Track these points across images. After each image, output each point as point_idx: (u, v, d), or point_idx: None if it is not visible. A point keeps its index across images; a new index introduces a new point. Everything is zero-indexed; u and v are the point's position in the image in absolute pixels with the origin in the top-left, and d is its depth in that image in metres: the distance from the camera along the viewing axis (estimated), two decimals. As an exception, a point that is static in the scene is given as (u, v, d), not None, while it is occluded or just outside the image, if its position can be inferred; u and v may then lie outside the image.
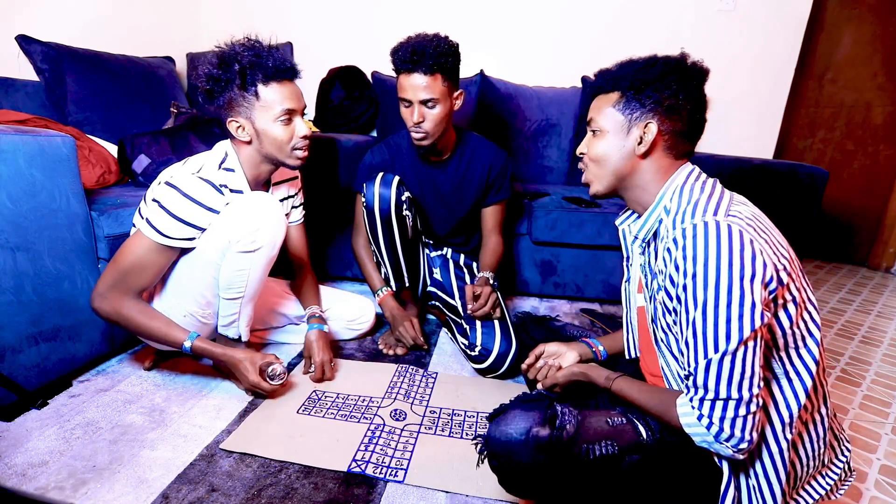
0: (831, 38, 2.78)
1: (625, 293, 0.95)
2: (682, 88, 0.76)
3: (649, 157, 0.79)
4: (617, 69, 0.81)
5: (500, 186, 1.48)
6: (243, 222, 1.05)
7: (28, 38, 1.63)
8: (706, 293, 0.64)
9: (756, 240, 0.66)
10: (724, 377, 0.64)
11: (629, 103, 0.79)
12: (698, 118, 0.79)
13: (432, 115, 1.27)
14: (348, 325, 1.45)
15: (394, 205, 1.30)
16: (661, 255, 0.73)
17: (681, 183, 0.78)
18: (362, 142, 1.80)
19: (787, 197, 1.74)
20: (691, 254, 0.66)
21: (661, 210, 0.79)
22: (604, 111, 0.81)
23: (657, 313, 0.79)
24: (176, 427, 1.03)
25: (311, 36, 2.48)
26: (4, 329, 0.99)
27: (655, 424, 0.75)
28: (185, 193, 1.01)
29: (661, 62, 0.77)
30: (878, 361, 1.60)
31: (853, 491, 0.99)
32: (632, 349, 0.97)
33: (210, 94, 1.06)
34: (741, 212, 0.71)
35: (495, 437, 0.73)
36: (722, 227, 0.65)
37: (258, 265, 1.10)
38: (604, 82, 0.82)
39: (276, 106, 1.06)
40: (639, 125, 0.78)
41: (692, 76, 0.77)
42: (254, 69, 1.03)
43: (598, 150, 0.82)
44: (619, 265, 1.86)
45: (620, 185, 0.83)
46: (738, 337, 0.63)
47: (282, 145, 1.09)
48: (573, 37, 2.40)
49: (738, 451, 0.65)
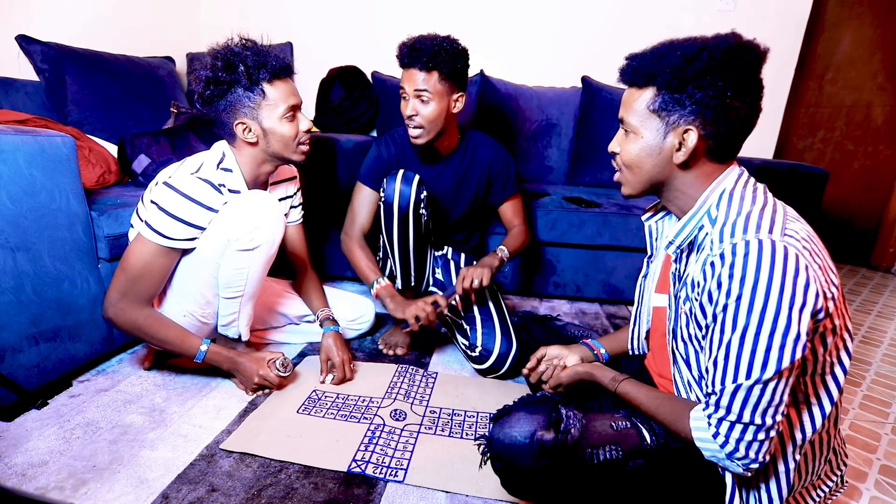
0: (831, 38, 2.78)
1: (640, 288, 0.93)
2: (732, 85, 0.64)
3: (690, 165, 0.70)
4: (653, 60, 0.68)
5: (505, 183, 1.48)
6: (242, 221, 1.05)
7: (28, 38, 1.63)
8: (749, 318, 0.59)
9: (811, 265, 0.60)
10: (751, 404, 0.61)
11: (666, 104, 0.67)
12: (750, 115, 0.67)
13: (425, 111, 1.27)
14: (349, 325, 1.45)
15: (412, 202, 1.30)
16: (702, 268, 0.66)
17: (729, 188, 0.69)
18: (362, 142, 1.80)
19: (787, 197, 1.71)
20: (739, 274, 0.60)
21: (703, 216, 0.70)
22: (636, 110, 0.71)
23: (679, 322, 0.75)
24: (176, 427, 1.03)
25: (311, 36, 2.48)
26: (4, 329, 0.99)
27: (660, 429, 0.74)
28: (184, 193, 1.01)
29: (707, 53, 0.64)
30: (878, 361, 1.59)
31: (853, 490, 0.99)
32: (636, 346, 0.96)
33: (210, 98, 1.05)
34: (797, 231, 0.63)
35: (499, 440, 0.73)
36: (778, 248, 0.59)
37: (257, 264, 1.11)
38: (636, 77, 0.71)
39: (281, 103, 1.07)
40: (676, 131, 0.68)
41: (745, 67, 0.65)
42: (258, 69, 1.03)
43: (631, 155, 0.73)
44: (619, 265, 1.86)
45: (656, 188, 0.75)
46: (776, 368, 0.59)
47: (288, 142, 1.10)
48: (573, 37, 2.40)
49: (748, 470, 0.64)
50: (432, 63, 1.23)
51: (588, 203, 1.82)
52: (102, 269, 1.20)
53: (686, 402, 0.73)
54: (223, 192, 1.06)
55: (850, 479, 1.01)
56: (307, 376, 1.26)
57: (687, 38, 0.68)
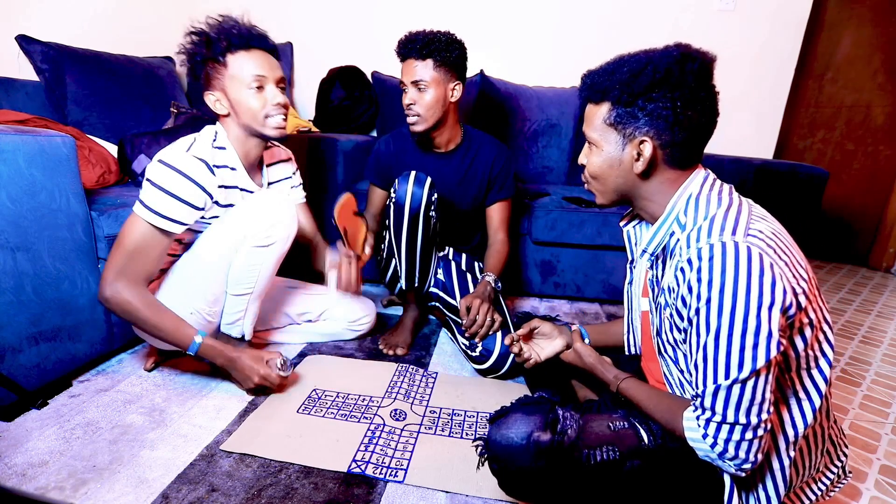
0: (831, 38, 2.78)
1: (627, 295, 0.94)
2: (680, 96, 0.66)
3: (651, 173, 0.72)
4: (605, 76, 0.72)
5: (503, 184, 1.48)
6: (259, 217, 1.07)
7: (28, 38, 1.63)
8: (720, 320, 0.60)
9: (776, 263, 0.61)
10: (733, 403, 0.62)
11: (620, 118, 0.70)
12: (705, 122, 0.69)
13: (423, 99, 1.32)
14: (350, 325, 1.45)
15: (424, 205, 1.30)
16: (674, 274, 0.68)
17: (695, 192, 0.71)
18: (362, 142, 1.80)
19: (788, 197, 1.74)
20: (706, 277, 0.61)
21: (673, 223, 0.72)
22: (595, 125, 0.74)
23: (663, 327, 0.76)
24: (176, 427, 1.03)
25: (311, 36, 2.47)
26: (4, 329, 0.99)
27: (658, 429, 0.74)
28: (178, 170, 1.00)
29: (651, 67, 0.67)
30: (878, 361, 1.59)
31: (853, 490, 0.99)
32: (633, 348, 0.97)
33: (191, 71, 1.09)
34: (762, 230, 0.64)
35: (496, 441, 0.73)
36: (741, 248, 0.60)
37: (270, 261, 1.12)
38: (591, 93, 0.74)
39: (246, 73, 1.05)
40: (633, 142, 0.70)
41: (691, 78, 0.66)
42: (219, 38, 1.04)
43: (594, 167, 0.76)
44: (619, 265, 1.86)
45: (625, 198, 0.77)
46: (751, 367, 0.60)
47: (255, 114, 1.07)
48: (573, 37, 2.40)
49: (741, 471, 0.64)
50: (426, 51, 1.29)
51: (588, 203, 1.82)
52: (102, 269, 1.20)
53: (681, 401, 0.73)
54: (217, 173, 1.06)
55: (851, 479, 1.01)
56: (307, 376, 1.26)
57: (636, 53, 0.70)
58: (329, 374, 1.28)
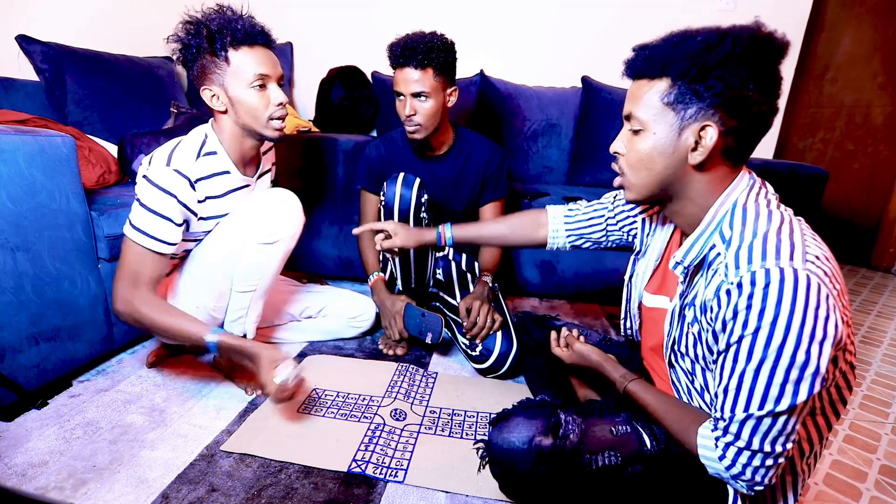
0: (831, 38, 2.78)
1: (626, 289, 0.93)
2: (757, 76, 0.58)
3: (705, 166, 0.64)
4: (668, 47, 0.63)
5: (496, 184, 1.48)
6: (266, 214, 1.07)
7: (28, 38, 1.63)
8: (765, 352, 0.56)
9: (831, 294, 0.55)
10: (761, 433, 0.58)
11: (683, 96, 0.61)
12: (770, 112, 0.62)
13: (424, 109, 1.29)
14: (349, 322, 1.45)
15: (413, 206, 1.30)
16: (715, 293, 0.61)
17: (741, 200, 0.64)
18: (362, 142, 1.80)
19: (788, 197, 1.72)
20: (758, 306, 0.55)
21: (714, 233, 0.65)
22: (647, 103, 0.64)
23: (684, 340, 0.71)
24: (176, 427, 1.03)
25: (311, 36, 2.47)
26: (4, 329, 0.99)
27: (661, 433, 0.73)
28: (160, 186, 0.98)
29: (731, 40, 0.59)
30: (878, 361, 1.59)
31: (853, 490, 0.99)
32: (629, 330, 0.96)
33: (183, 62, 1.03)
34: (818, 256, 0.58)
35: (497, 444, 0.72)
36: (800, 278, 0.54)
37: (275, 258, 1.12)
38: (648, 66, 0.64)
39: (248, 71, 1.01)
40: (693, 127, 0.62)
41: (769, 56, 0.60)
42: (222, 33, 0.99)
43: (640, 154, 0.66)
44: (619, 265, 1.86)
45: (663, 195, 0.69)
46: (791, 402, 0.56)
47: (257, 114, 1.04)
48: (573, 37, 2.40)
49: (751, 491, 0.62)
50: (426, 60, 1.25)
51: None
52: (102, 269, 1.20)
53: (695, 412, 0.70)
54: (197, 188, 1.03)
55: (851, 479, 1.02)
56: (307, 376, 1.25)
57: (703, 27, 0.62)
58: (329, 373, 1.28)
